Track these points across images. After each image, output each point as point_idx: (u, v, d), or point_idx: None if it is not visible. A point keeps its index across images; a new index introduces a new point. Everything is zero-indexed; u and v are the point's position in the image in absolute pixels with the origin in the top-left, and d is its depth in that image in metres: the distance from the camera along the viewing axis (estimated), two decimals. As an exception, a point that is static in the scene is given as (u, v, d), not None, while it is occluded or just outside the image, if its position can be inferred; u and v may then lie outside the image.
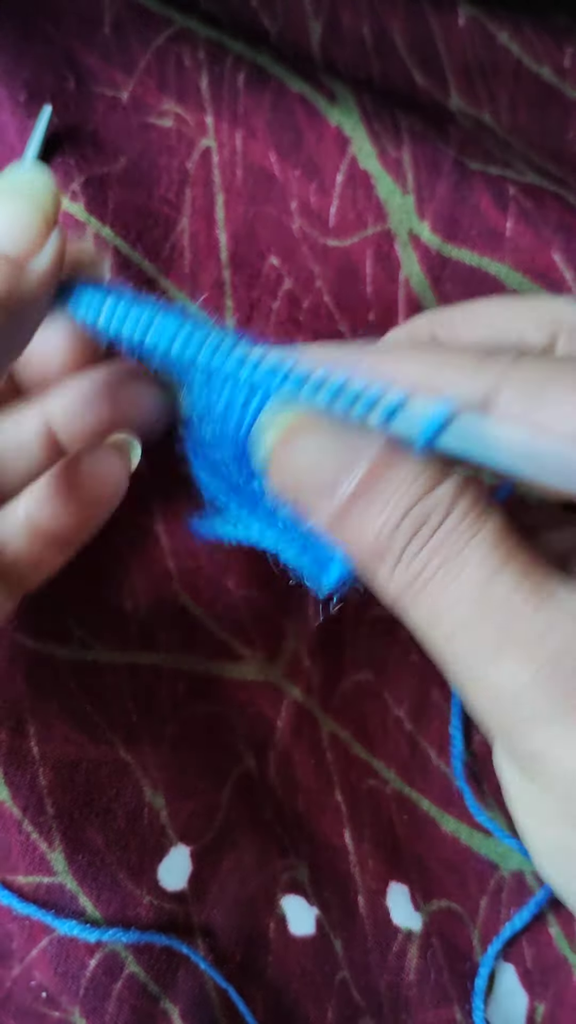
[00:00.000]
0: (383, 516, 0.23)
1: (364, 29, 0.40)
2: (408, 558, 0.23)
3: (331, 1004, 0.40)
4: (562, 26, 0.41)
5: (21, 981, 0.39)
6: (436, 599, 0.23)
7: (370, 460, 0.24)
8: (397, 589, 0.24)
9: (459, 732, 0.41)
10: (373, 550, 0.24)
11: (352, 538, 0.24)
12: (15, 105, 0.41)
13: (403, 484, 0.24)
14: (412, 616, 0.24)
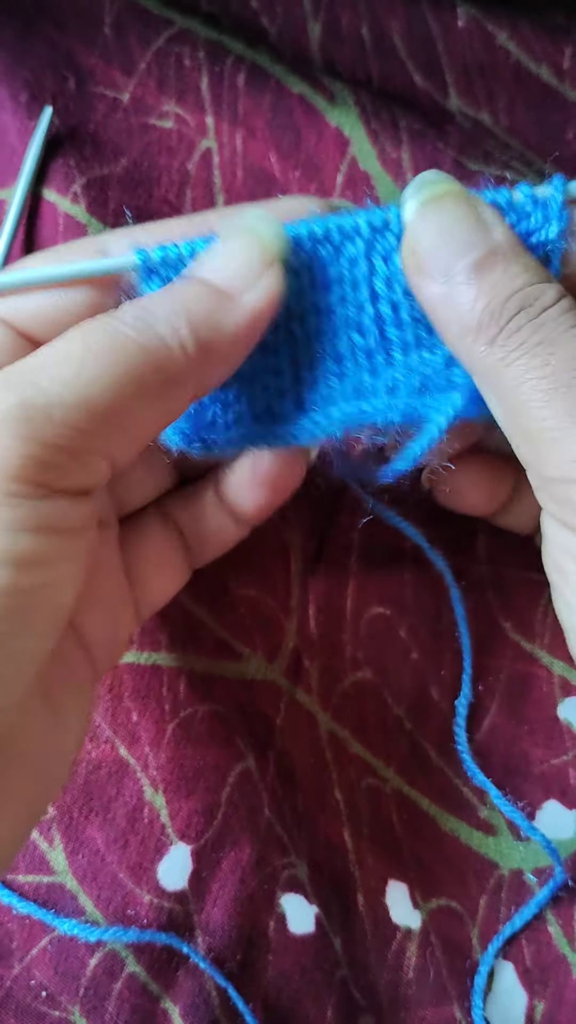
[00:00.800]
0: (499, 288, 0.27)
1: (363, 30, 0.40)
2: (509, 332, 0.27)
3: (331, 1002, 0.40)
4: (561, 26, 0.41)
5: (21, 980, 0.39)
6: (529, 367, 0.26)
7: (501, 236, 0.28)
8: (487, 359, 0.27)
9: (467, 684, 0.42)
10: (479, 322, 0.27)
11: (465, 304, 0.27)
12: (16, 106, 0.41)
13: (523, 268, 0.28)
14: (500, 381, 0.27)
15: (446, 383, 0.31)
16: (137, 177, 0.41)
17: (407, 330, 0.30)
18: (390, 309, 0.30)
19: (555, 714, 0.42)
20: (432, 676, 0.42)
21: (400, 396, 0.30)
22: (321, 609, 0.42)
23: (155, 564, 0.36)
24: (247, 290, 0.28)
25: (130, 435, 0.27)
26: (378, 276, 0.30)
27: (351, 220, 0.30)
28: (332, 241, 0.30)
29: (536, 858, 0.41)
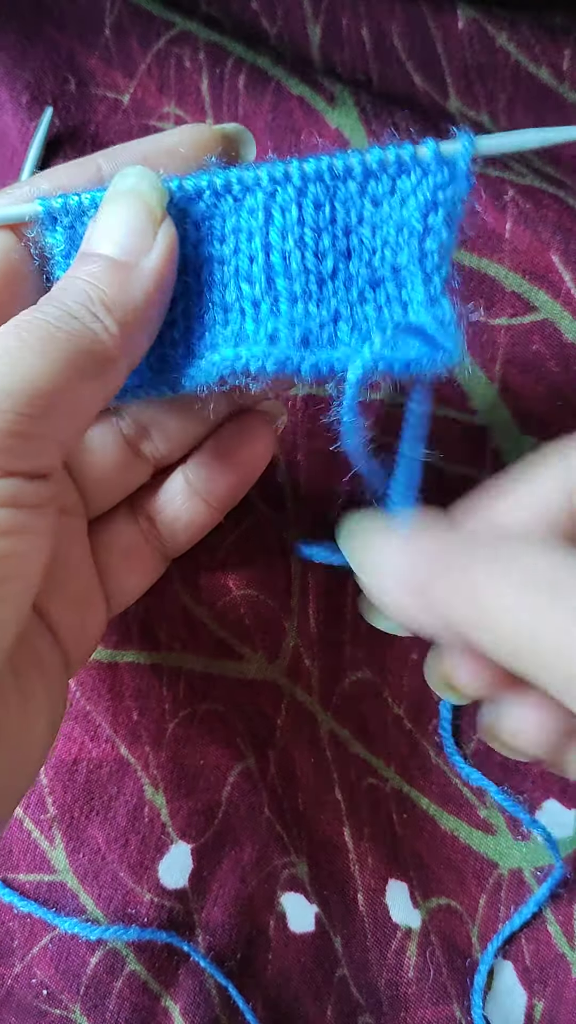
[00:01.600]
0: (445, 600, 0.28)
1: (363, 31, 0.40)
2: (451, 585, 0.27)
3: (330, 1001, 0.40)
4: (560, 27, 0.41)
5: (22, 979, 0.39)
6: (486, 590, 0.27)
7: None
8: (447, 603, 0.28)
9: None
10: None
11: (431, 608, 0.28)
12: (17, 107, 0.41)
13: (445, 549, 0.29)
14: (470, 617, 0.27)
15: (329, 338, 0.31)
16: (138, 178, 0.41)
17: (296, 281, 0.30)
18: (280, 258, 0.30)
19: (555, 714, 0.42)
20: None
21: (279, 346, 0.30)
22: (321, 609, 0.42)
23: (124, 556, 0.37)
24: (144, 254, 0.29)
25: (74, 415, 0.28)
26: (274, 225, 0.30)
27: (253, 172, 0.30)
28: (233, 193, 0.30)
29: (536, 857, 0.41)
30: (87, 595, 0.36)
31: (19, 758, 0.30)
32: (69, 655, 0.34)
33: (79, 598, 0.35)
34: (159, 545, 0.38)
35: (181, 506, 0.37)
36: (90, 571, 0.36)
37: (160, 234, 0.29)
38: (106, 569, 0.37)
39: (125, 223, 0.29)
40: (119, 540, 0.37)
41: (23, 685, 0.31)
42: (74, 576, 0.35)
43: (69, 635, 0.34)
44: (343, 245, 0.31)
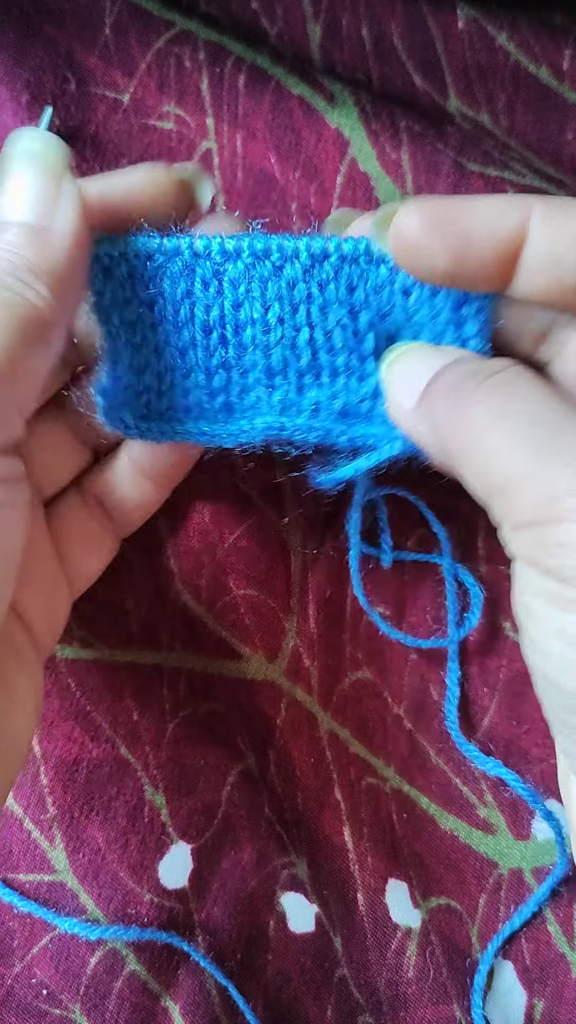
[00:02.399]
0: (446, 384, 0.29)
1: (363, 31, 0.40)
2: (464, 395, 0.28)
3: (330, 1001, 0.40)
4: (560, 26, 0.41)
5: (22, 979, 0.39)
6: (488, 416, 0.27)
7: (453, 356, 0.30)
8: (448, 420, 0.28)
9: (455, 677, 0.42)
10: (438, 403, 0.29)
11: (425, 408, 0.29)
12: (17, 107, 0.41)
13: (469, 362, 0.29)
14: (463, 438, 0.28)
15: (367, 412, 0.33)
16: (137, 178, 0.41)
17: (338, 356, 0.32)
18: (323, 336, 0.32)
19: (554, 713, 0.42)
20: (432, 676, 0.42)
21: (321, 418, 0.32)
22: (321, 609, 0.42)
23: (79, 539, 0.38)
24: (55, 215, 0.30)
25: (29, 384, 0.29)
26: (314, 303, 0.31)
27: (293, 243, 0.31)
28: (272, 260, 0.31)
29: (536, 857, 0.41)
30: (51, 579, 0.36)
31: (7, 745, 0.31)
32: (39, 640, 0.35)
33: (44, 583, 0.36)
34: (110, 526, 0.38)
35: (128, 487, 0.38)
36: (51, 555, 0.37)
37: (63, 192, 0.30)
38: (63, 553, 0.37)
39: (31, 187, 0.30)
40: (73, 524, 0.38)
41: (4, 674, 0.31)
42: (38, 561, 0.36)
43: (37, 620, 0.35)
44: (382, 329, 0.32)
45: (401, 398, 0.30)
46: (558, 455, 0.25)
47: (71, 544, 0.37)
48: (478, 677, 0.42)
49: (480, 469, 0.27)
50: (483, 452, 0.27)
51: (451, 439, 0.28)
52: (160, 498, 0.39)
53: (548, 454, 0.25)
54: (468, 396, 0.28)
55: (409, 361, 0.31)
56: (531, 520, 0.25)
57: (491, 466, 0.26)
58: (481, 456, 0.27)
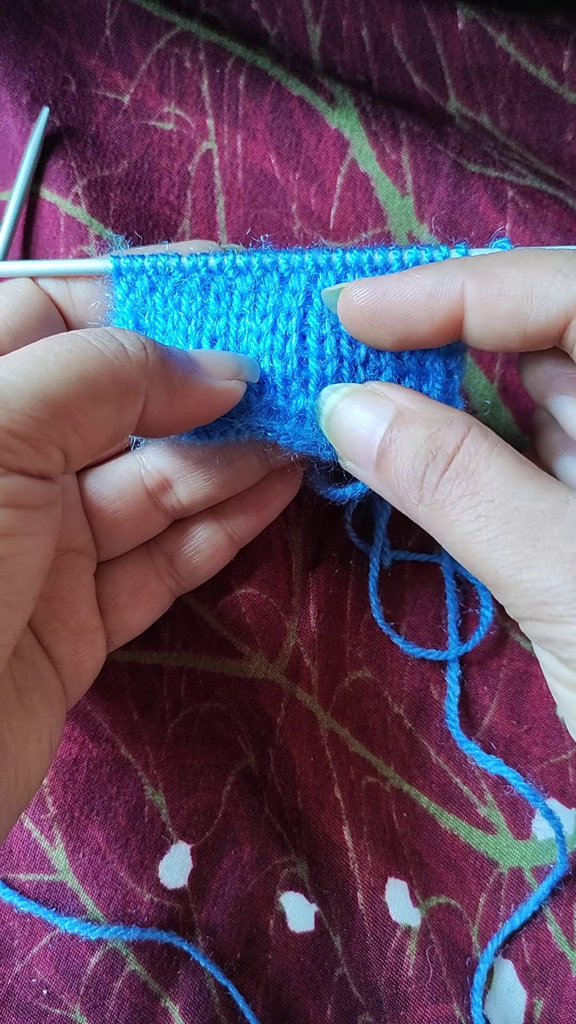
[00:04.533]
0: (405, 451, 0.29)
1: (363, 32, 0.40)
2: (428, 490, 0.28)
3: (330, 1000, 0.40)
4: (560, 27, 0.41)
5: (22, 978, 0.39)
6: (463, 522, 0.27)
7: (397, 398, 0.30)
8: (427, 520, 0.28)
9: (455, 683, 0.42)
10: (402, 489, 0.29)
11: (387, 483, 0.30)
12: (17, 108, 0.41)
13: (423, 422, 0.29)
14: (446, 541, 0.28)
15: None
16: (138, 179, 0.41)
17: (327, 365, 0.33)
18: (316, 342, 0.33)
19: (554, 713, 0.42)
20: (432, 675, 0.43)
21: (307, 428, 0.33)
22: (321, 609, 0.42)
23: (134, 593, 0.38)
24: (217, 376, 0.31)
25: (84, 432, 0.28)
26: (312, 309, 0.32)
27: (300, 256, 0.32)
28: (280, 271, 0.33)
29: (536, 856, 0.41)
30: (85, 631, 0.36)
31: (21, 772, 0.30)
32: (66, 683, 0.35)
33: (76, 633, 0.36)
34: (172, 583, 0.39)
35: (205, 544, 0.38)
36: (91, 609, 0.37)
37: (237, 382, 0.32)
38: (113, 605, 0.37)
39: (221, 365, 0.32)
40: (130, 578, 0.38)
41: (27, 702, 0.31)
42: (73, 612, 0.36)
43: (66, 668, 0.35)
44: None
45: (357, 459, 0.30)
46: (541, 555, 0.26)
47: (123, 598, 0.38)
48: (478, 677, 0.42)
49: (470, 566, 0.28)
50: (468, 557, 0.28)
51: (433, 531, 0.29)
52: (232, 555, 0.39)
53: (530, 555, 0.26)
54: (433, 492, 0.28)
55: (350, 419, 0.31)
56: (532, 616, 0.27)
57: (480, 570, 0.27)
58: (467, 559, 0.28)
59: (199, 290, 0.33)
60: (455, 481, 0.27)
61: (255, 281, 0.33)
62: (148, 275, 0.33)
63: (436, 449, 0.28)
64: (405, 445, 0.29)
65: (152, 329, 0.34)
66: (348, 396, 0.31)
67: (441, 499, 0.28)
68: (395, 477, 0.29)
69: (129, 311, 0.34)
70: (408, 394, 0.30)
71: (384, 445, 0.29)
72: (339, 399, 0.31)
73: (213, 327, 0.33)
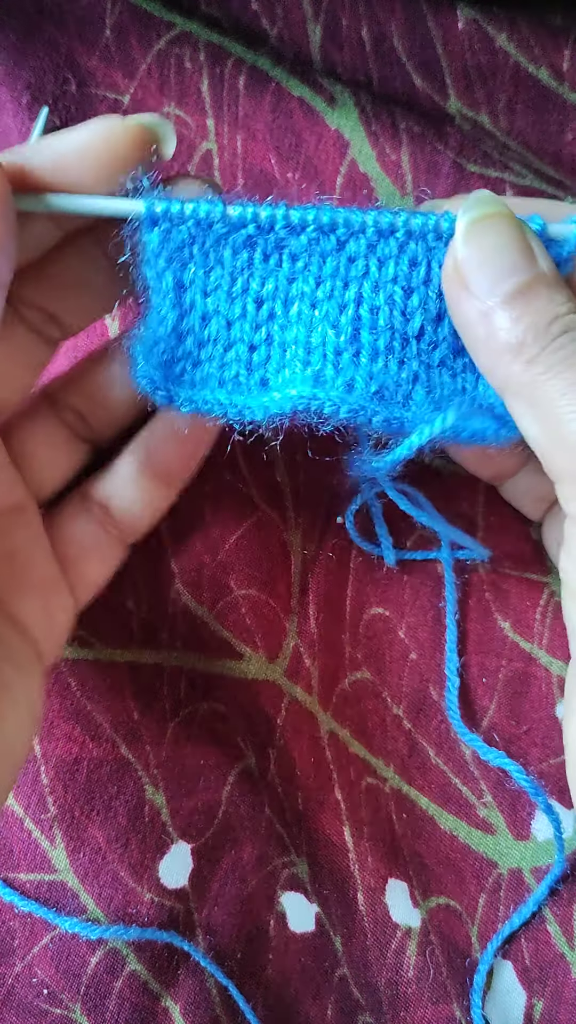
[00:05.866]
0: (544, 311, 0.28)
1: (363, 32, 0.40)
2: (557, 346, 0.28)
3: (331, 1001, 0.40)
4: (560, 27, 0.41)
5: (23, 978, 0.39)
6: (571, 383, 0.27)
7: (546, 266, 0.29)
8: (531, 374, 0.28)
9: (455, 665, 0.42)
10: (523, 338, 0.28)
11: (506, 323, 0.28)
12: (17, 108, 0.41)
13: (566, 297, 0.29)
14: (538, 397, 0.28)
15: (404, 397, 0.31)
16: (138, 179, 0.41)
17: (380, 336, 0.31)
18: (369, 313, 0.31)
19: (553, 713, 0.42)
20: (431, 676, 0.43)
21: (355, 395, 0.31)
22: (321, 609, 0.42)
23: (82, 546, 0.37)
24: None
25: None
26: (369, 279, 0.31)
27: (360, 216, 0.30)
28: (337, 234, 0.31)
29: (535, 857, 0.41)
30: (50, 586, 0.36)
31: (4, 748, 0.30)
32: (39, 646, 0.34)
33: (42, 589, 0.35)
34: (116, 532, 0.38)
35: (134, 489, 0.37)
36: (50, 562, 0.36)
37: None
38: (65, 561, 0.37)
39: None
40: (75, 531, 0.37)
41: (1, 681, 0.31)
42: (34, 568, 0.35)
43: (36, 627, 0.34)
44: (434, 308, 0.31)
45: (474, 285, 0.29)
46: None
47: (73, 551, 0.37)
48: (477, 677, 0.42)
49: (550, 424, 0.28)
50: (559, 411, 0.27)
51: (523, 385, 0.28)
52: (168, 499, 0.38)
53: None
54: (556, 351, 0.28)
55: (494, 241, 0.29)
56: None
57: (568, 424, 0.27)
58: (555, 414, 0.27)
59: (245, 246, 0.31)
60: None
61: (310, 242, 0.31)
62: (187, 225, 0.31)
63: (572, 326, 0.28)
64: (547, 304, 0.28)
65: (192, 286, 0.32)
66: (507, 218, 0.30)
67: (561, 359, 0.27)
68: (521, 325, 0.28)
69: (166, 262, 0.31)
70: (556, 268, 0.30)
71: (528, 284, 0.28)
72: (496, 210, 0.30)
73: (260, 290, 0.31)
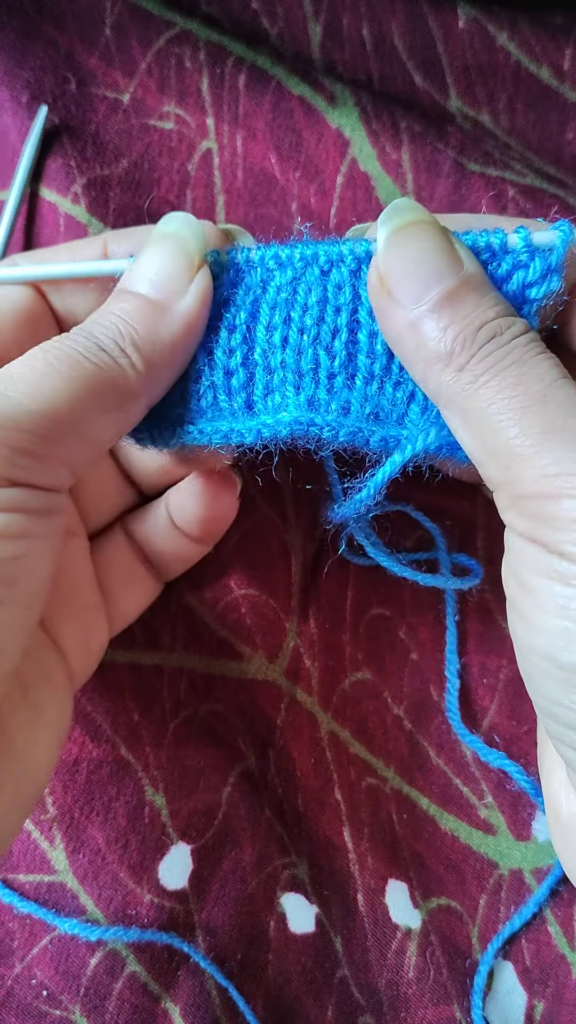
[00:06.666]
0: (471, 317, 0.28)
1: (364, 31, 0.40)
2: (480, 357, 0.27)
3: (331, 1002, 0.40)
4: (561, 26, 0.41)
5: (22, 979, 0.39)
6: (499, 388, 0.27)
7: (473, 269, 0.29)
8: (455, 383, 0.27)
9: (455, 669, 0.42)
10: (452, 346, 0.28)
11: (435, 331, 0.28)
12: (17, 107, 0.41)
13: (494, 301, 0.28)
14: (470, 406, 0.27)
15: (399, 417, 0.32)
16: (138, 178, 0.41)
17: (376, 360, 0.31)
18: (367, 338, 0.31)
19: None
20: (432, 676, 0.42)
21: (351, 418, 0.31)
22: (321, 609, 0.42)
23: (122, 577, 0.38)
24: (179, 298, 0.30)
25: (88, 443, 0.29)
26: (363, 306, 0.31)
27: (337, 248, 0.31)
28: (319, 264, 0.31)
29: (536, 858, 0.41)
30: (91, 612, 0.37)
31: (29, 770, 0.30)
32: (73, 670, 0.35)
33: (84, 614, 0.36)
34: (153, 570, 0.39)
35: (166, 539, 0.38)
36: (93, 589, 0.37)
37: (196, 281, 0.30)
38: (106, 590, 0.38)
39: (164, 265, 0.30)
40: (117, 563, 0.38)
41: (32, 698, 0.31)
42: (79, 593, 0.36)
43: (73, 651, 0.35)
44: None
45: (400, 295, 0.29)
46: (564, 436, 0.25)
47: (114, 582, 0.38)
48: (478, 677, 0.42)
49: (482, 435, 0.27)
50: (489, 421, 0.27)
51: (455, 394, 0.28)
52: (200, 552, 0.39)
53: (555, 434, 0.25)
54: (484, 358, 0.27)
55: (418, 248, 0.29)
56: (535, 493, 0.26)
57: (496, 436, 0.26)
58: (486, 424, 0.27)
59: (227, 284, 0.32)
60: (509, 355, 0.27)
61: (295, 273, 0.31)
62: None
63: (505, 327, 0.28)
64: (475, 310, 0.28)
65: None
66: (428, 224, 0.29)
67: (488, 366, 0.27)
68: (450, 333, 0.28)
69: None
70: (482, 270, 0.29)
71: (454, 291, 0.28)
72: (417, 218, 0.29)
73: (235, 314, 0.32)
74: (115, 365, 0.28)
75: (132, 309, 0.30)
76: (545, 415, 0.26)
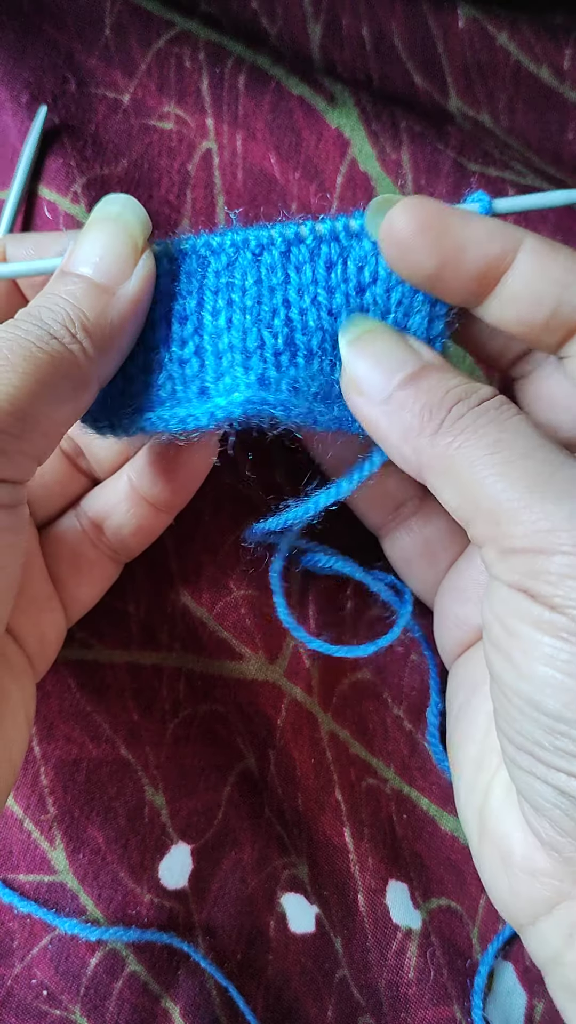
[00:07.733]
0: (435, 388, 0.29)
1: (364, 31, 0.40)
2: (453, 419, 0.28)
3: (331, 1002, 0.40)
4: (561, 26, 0.41)
5: (22, 979, 0.39)
6: (481, 446, 0.27)
7: (430, 356, 0.30)
8: (436, 448, 0.28)
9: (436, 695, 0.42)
10: (421, 415, 0.28)
11: (404, 410, 0.29)
12: (16, 107, 0.41)
13: (455, 374, 0.29)
14: (454, 465, 0.28)
15: (338, 396, 0.33)
16: (137, 178, 0.41)
17: (312, 337, 0.32)
18: (299, 315, 0.32)
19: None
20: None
21: (300, 397, 0.32)
22: (321, 609, 0.42)
23: (74, 565, 0.38)
24: (123, 281, 0.30)
25: (49, 432, 0.29)
26: (291, 285, 0.32)
27: (267, 232, 0.32)
28: (251, 248, 0.32)
29: (536, 858, 0.41)
30: (43, 602, 0.36)
31: (3, 752, 0.31)
32: (33, 660, 0.35)
33: (36, 605, 0.36)
34: (109, 551, 0.38)
35: (127, 512, 0.37)
36: (44, 579, 0.37)
37: (140, 264, 0.30)
38: (57, 578, 0.37)
39: (108, 248, 0.30)
40: (66, 549, 0.38)
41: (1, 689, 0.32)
42: (30, 582, 0.36)
43: (29, 641, 0.35)
44: (357, 304, 0.32)
45: (368, 388, 0.30)
46: (552, 490, 0.26)
47: (64, 569, 0.37)
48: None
49: (468, 493, 0.27)
50: (474, 479, 0.27)
51: (435, 457, 0.28)
52: (162, 524, 0.38)
53: (543, 488, 0.26)
54: (456, 420, 0.28)
55: (376, 348, 0.30)
56: (524, 548, 0.26)
57: (482, 493, 0.27)
58: (471, 482, 0.27)
59: (166, 273, 0.33)
60: (484, 416, 0.28)
61: (229, 259, 0.32)
62: None
63: (471, 391, 0.28)
64: (438, 382, 0.29)
65: None
66: (382, 328, 0.31)
67: (464, 426, 0.28)
68: (417, 405, 0.29)
69: None
70: (441, 357, 0.31)
71: (416, 373, 0.29)
72: (371, 326, 0.31)
73: (183, 304, 0.33)
74: (67, 352, 0.28)
75: (79, 292, 0.30)
76: (530, 469, 0.26)
